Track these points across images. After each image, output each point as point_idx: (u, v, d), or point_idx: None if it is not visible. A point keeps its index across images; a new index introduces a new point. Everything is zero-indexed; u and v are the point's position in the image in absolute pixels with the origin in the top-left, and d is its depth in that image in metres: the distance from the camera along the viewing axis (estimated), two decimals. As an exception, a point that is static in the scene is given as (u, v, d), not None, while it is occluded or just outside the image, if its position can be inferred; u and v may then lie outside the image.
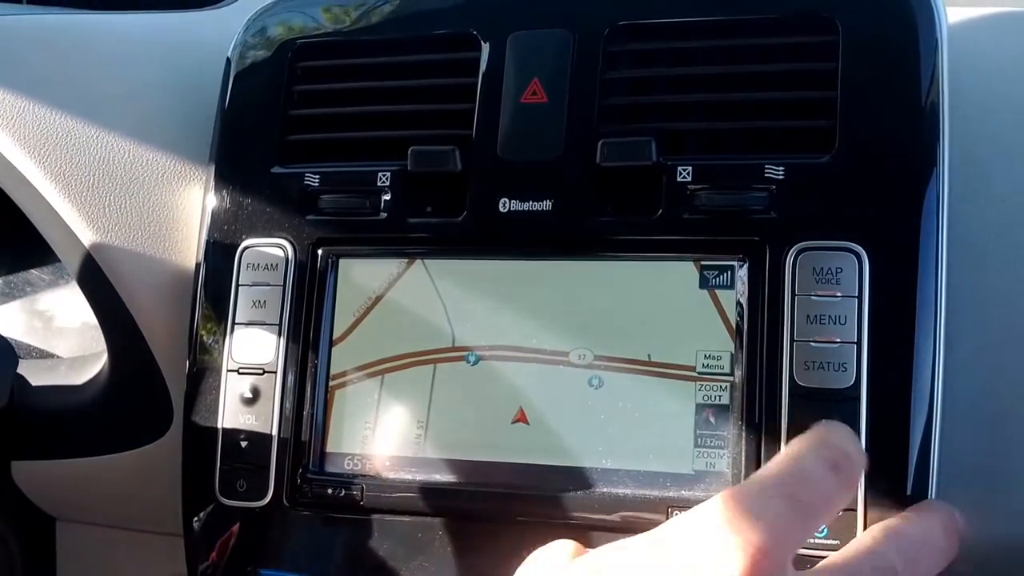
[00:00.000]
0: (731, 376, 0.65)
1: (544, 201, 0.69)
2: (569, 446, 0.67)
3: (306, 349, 0.72)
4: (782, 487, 0.47)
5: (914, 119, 0.64)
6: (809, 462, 0.49)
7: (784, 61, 0.68)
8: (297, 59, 0.78)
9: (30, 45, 0.85)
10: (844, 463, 0.49)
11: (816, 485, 0.48)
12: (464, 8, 0.75)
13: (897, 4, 0.66)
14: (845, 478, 0.49)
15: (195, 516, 0.74)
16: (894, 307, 0.62)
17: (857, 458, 0.51)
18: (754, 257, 0.65)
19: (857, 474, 0.51)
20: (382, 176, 0.72)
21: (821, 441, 0.50)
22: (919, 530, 0.56)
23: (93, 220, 0.79)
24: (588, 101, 0.70)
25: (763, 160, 0.65)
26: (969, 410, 0.66)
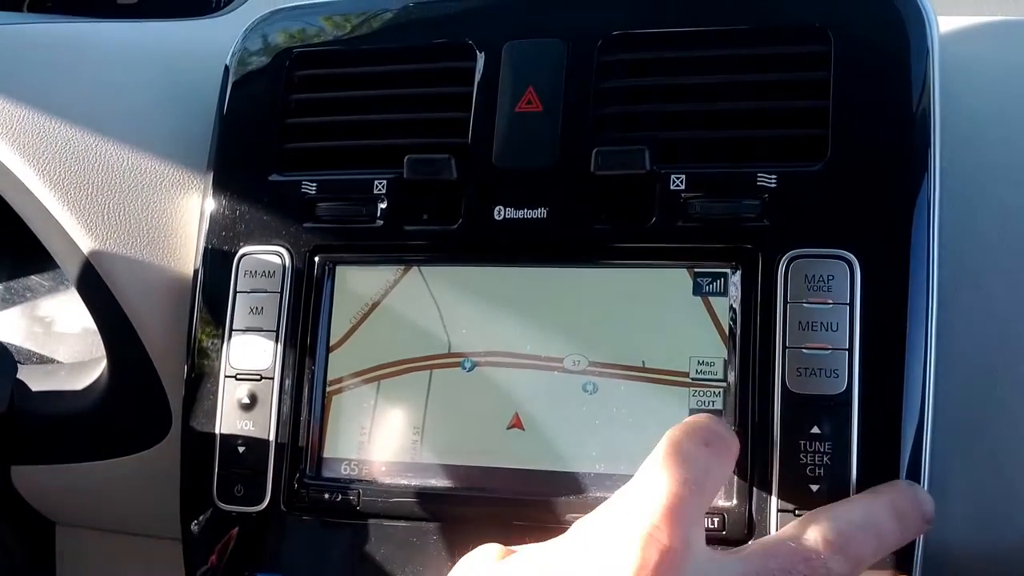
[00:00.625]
0: (724, 382, 0.65)
1: (539, 209, 0.69)
2: (564, 451, 0.67)
3: (303, 355, 0.72)
4: (668, 470, 0.51)
5: (905, 128, 0.64)
6: (685, 445, 0.53)
7: (776, 71, 0.68)
8: (295, 68, 0.78)
9: (30, 54, 0.85)
10: (714, 439, 0.54)
11: (695, 462, 0.52)
12: (460, 18, 0.75)
13: (888, 14, 0.66)
14: (716, 450, 0.54)
15: (193, 521, 0.74)
16: (885, 314, 0.62)
17: (726, 433, 0.56)
18: (747, 264, 0.65)
19: (727, 446, 0.55)
20: (378, 184, 0.72)
21: (691, 426, 0.55)
22: (858, 513, 0.57)
23: (92, 227, 0.78)
24: (582, 110, 0.70)
25: (756, 169, 0.65)
26: (960, 415, 0.66)
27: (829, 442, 0.61)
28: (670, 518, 0.49)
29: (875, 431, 0.61)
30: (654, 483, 0.51)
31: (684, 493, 0.50)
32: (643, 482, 0.52)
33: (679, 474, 0.51)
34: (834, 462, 0.61)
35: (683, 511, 0.50)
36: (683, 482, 0.51)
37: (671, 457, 0.52)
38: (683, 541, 0.49)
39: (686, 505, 0.50)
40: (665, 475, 0.51)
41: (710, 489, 0.53)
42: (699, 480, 0.52)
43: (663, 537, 0.49)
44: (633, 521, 0.50)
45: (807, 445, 0.61)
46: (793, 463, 0.61)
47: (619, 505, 0.52)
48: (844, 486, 0.60)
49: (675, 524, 0.49)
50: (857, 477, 0.60)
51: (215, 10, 0.99)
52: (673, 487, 0.50)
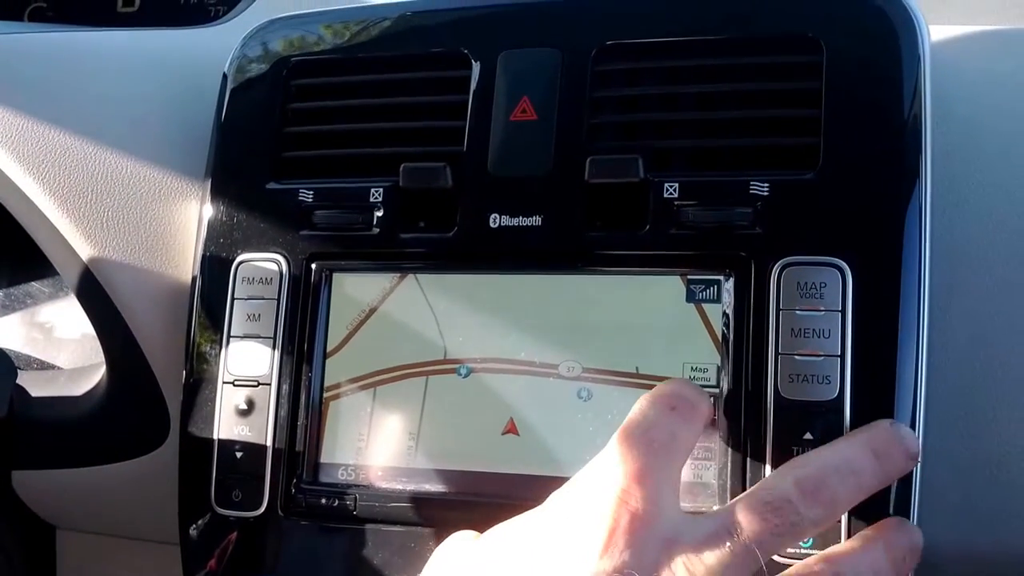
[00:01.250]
0: (717, 388, 0.64)
1: (534, 217, 0.68)
2: (559, 457, 0.66)
3: (300, 361, 0.72)
4: (636, 436, 0.53)
5: (897, 136, 0.64)
6: (650, 411, 0.55)
7: (769, 80, 0.68)
8: (292, 76, 0.78)
9: (30, 62, 0.85)
10: (680, 403, 0.56)
11: (662, 427, 0.54)
12: (455, 28, 0.75)
13: (880, 23, 0.66)
14: (682, 414, 0.55)
15: (191, 525, 0.73)
16: (877, 321, 0.62)
17: (692, 396, 0.57)
18: (740, 272, 0.65)
19: (694, 408, 0.56)
20: (375, 192, 0.72)
21: (656, 393, 0.57)
22: (830, 457, 0.56)
23: (91, 235, 0.78)
24: (576, 119, 0.69)
25: (748, 177, 0.65)
26: (951, 420, 0.66)
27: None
28: (638, 481, 0.51)
29: (867, 437, 0.61)
30: (622, 450, 0.53)
31: (650, 457, 0.52)
32: (612, 450, 0.53)
33: (645, 439, 0.53)
34: (827, 467, 0.61)
35: (651, 474, 0.51)
36: (649, 446, 0.52)
37: (637, 424, 0.54)
38: (653, 502, 0.51)
39: (653, 468, 0.52)
40: (632, 441, 0.53)
41: (678, 451, 0.54)
42: (665, 443, 0.53)
43: (632, 500, 0.50)
44: (603, 487, 0.51)
45: (800, 451, 0.61)
46: (786, 468, 0.61)
47: (590, 474, 0.53)
48: (836, 491, 0.60)
49: (643, 487, 0.51)
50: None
51: (214, 19, 0.99)
52: (640, 452, 0.52)
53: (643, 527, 0.50)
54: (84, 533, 0.92)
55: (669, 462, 0.53)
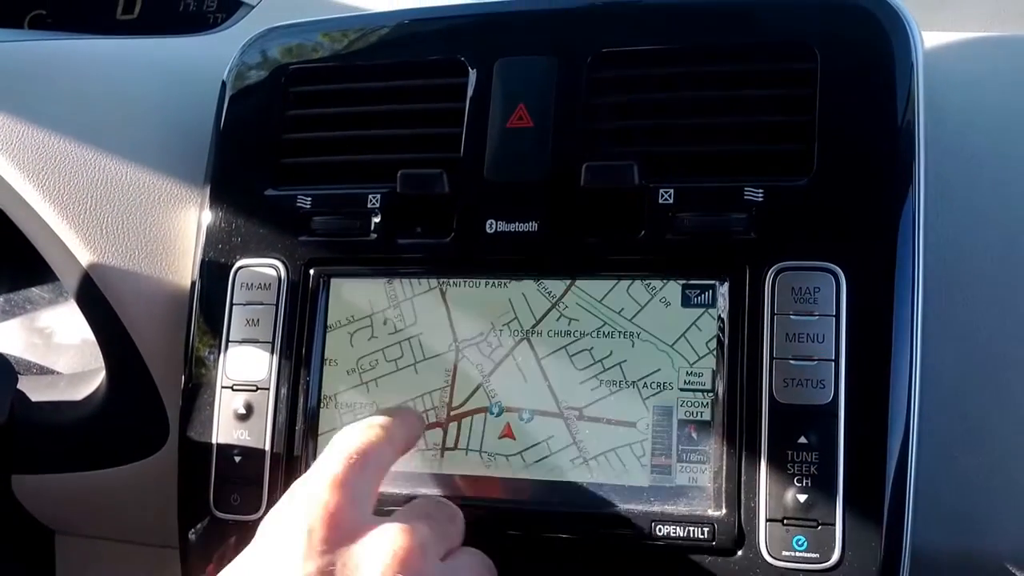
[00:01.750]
0: (712, 392, 0.64)
1: (530, 222, 0.68)
2: (554, 461, 0.66)
3: (298, 366, 0.72)
4: (332, 453, 0.60)
5: (890, 142, 0.64)
6: (347, 433, 0.62)
7: (763, 87, 0.68)
8: (291, 84, 0.78)
9: (31, 70, 0.85)
10: (374, 422, 0.62)
11: (355, 444, 0.60)
12: (452, 35, 0.75)
13: (873, 31, 0.66)
14: (376, 432, 0.61)
15: (190, 529, 0.73)
16: (871, 325, 0.62)
17: (382, 421, 0.63)
18: (734, 277, 0.65)
19: (385, 428, 0.62)
20: (372, 198, 0.72)
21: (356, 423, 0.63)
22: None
23: (91, 241, 0.78)
24: (572, 125, 0.69)
25: (743, 183, 0.65)
26: (945, 424, 0.66)
27: (816, 451, 0.61)
28: (333, 486, 0.56)
29: (861, 440, 0.61)
30: (321, 463, 0.59)
31: (344, 469, 0.58)
32: (315, 465, 0.59)
33: (338, 456, 0.59)
34: (821, 471, 0.61)
35: (345, 480, 0.57)
36: (341, 461, 0.58)
37: (334, 444, 0.60)
38: (347, 502, 0.56)
39: (347, 477, 0.57)
40: (326, 460, 0.59)
41: (373, 465, 0.60)
42: (357, 459, 0.59)
43: (328, 500, 0.56)
44: (304, 494, 0.57)
45: (794, 455, 0.61)
46: (781, 472, 0.61)
47: (294, 488, 0.59)
48: (831, 495, 0.60)
49: (337, 490, 0.56)
50: (844, 486, 0.60)
51: (213, 27, 0.99)
52: (333, 466, 0.58)
53: (337, 523, 0.55)
54: (83, 537, 0.91)
55: (363, 472, 0.59)
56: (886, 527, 0.60)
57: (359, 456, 0.59)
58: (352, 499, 0.57)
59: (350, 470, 0.58)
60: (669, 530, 0.63)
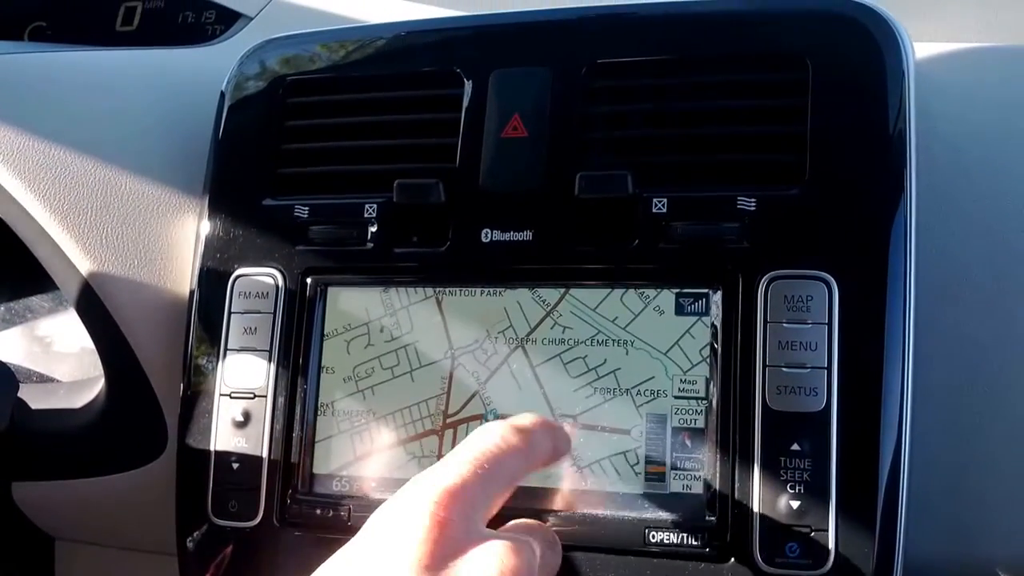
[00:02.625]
0: (706, 399, 0.64)
1: (525, 232, 0.68)
2: (551, 468, 0.66)
3: (295, 374, 0.71)
4: (456, 458, 0.55)
5: (882, 151, 0.64)
6: (481, 436, 0.57)
7: (756, 97, 0.68)
8: (288, 95, 0.78)
9: (31, 81, 0.85)
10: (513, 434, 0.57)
11: (485, 452, 0.56)
12: (448, 47, 0.75)
13: (864, 41, 0.66)
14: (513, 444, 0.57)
15: (189, 536, 0.73)
16: (863, 333, 0.62)
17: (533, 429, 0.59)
18: (728, 285, 0.64)
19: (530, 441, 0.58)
20: (369, 208, 0.72)
21: (503, 422, 0.59)
22: None
23: (90, 250, 0.78)
24: (566, 136, 0.69)
25: (736, 192, 0.65)
26: (938, 431, 0.66)
27: (809, 458, 0.61)
28: (448, 496, 0.53)
29: (854, 448, 0.61)
30: (441, 468, 0.55)
31: (466, 476, 0.54)
32: (437, 466, 0.55)
33: (464, 460, 0.55)
34: (814, 478, 0.61)
35: (462, 491, 0.53)
36: (467, 467, 0.54)
37: (464, 447, 0.56)
38: (460, 515, 0.53)
39: (466, 486, 0.54)
40: (452, 461, 0.55)
41: (501, 477, 0.56)
42: (485, 468, 0.55)
43: (441, 511, 0.52)
44: (418, 500, 0.53)
45: (787, 461, 0.61)
46: (774, 479, 0.61)
47: (410, 489, 0.55)
48: (824, 502, 0.60)
49: (453, 501, 0.53)
50: (836, 493, 0.60)
51: (211, 38, 0.99)
52: (456, 471, 0.54)
53: (450, 537, 0.52)
54: (83, 544, 0.91)
55: (485, 485, 0.55)
56: (879, 534, 0.60)
57: (490, 466, 0.56)
58: (468, 513, 0.54)
59: (476, 480, 0.55)
60: (663, 537, 0.63)
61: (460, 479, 0.54)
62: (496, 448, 0.56)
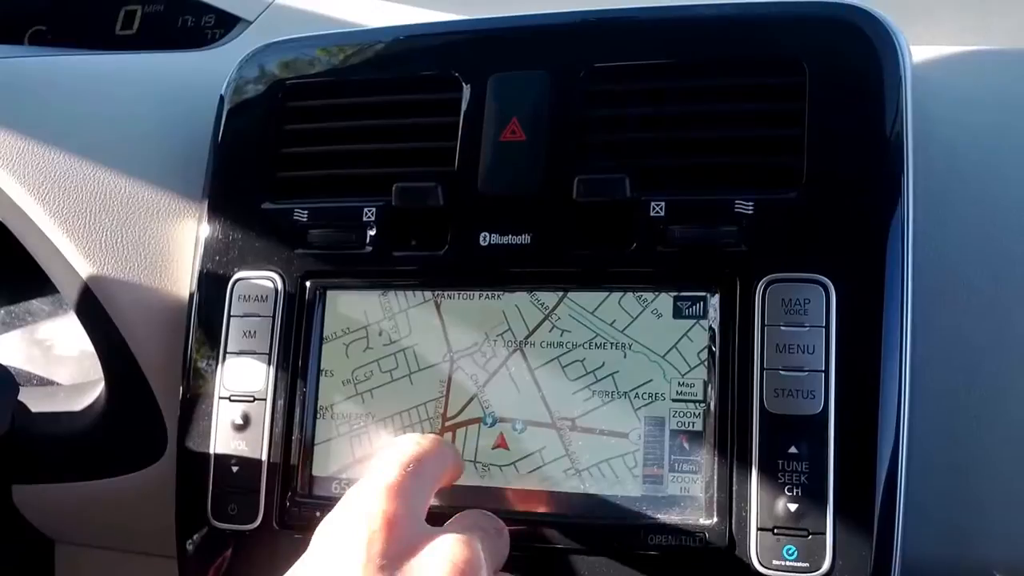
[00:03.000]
0: (704, 402, 0.64)
1: (523, 235, 0.68)
2: (548, 472, 0.66)
3: (295, 377, 0.71)
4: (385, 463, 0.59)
5: (879, 155, 0.64)
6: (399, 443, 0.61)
7: (753, 101, 0.68)
8: (288, 99, 0.77)
9: (31, 85, 0.85)
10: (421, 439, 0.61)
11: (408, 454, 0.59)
12: (447, 51, 0.75)
13: (861, 45, 0.66)
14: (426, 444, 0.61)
15: (188, 539, 0.73)
16: (861, 337, 0.62)
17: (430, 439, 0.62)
18: (725, 289, 0.64)
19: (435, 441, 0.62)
20: (368, 211, 0.72)
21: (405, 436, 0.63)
22: None
23: (90, 253, 0.78)
24: (565, 139, 0.69)
25: (733, 196, 0.65)
26: (935, 435, 0.66)
27: (806, 461, 0.61)
28: (391, 494, 0.56)
29: (851, 450, 0.61)
30: (375, 472, 0.58)
31: (401, 475, 0.57)
32: (368, 473, 0.58)
33: (393, 463, 0.58)
34: (811, 481, 0.61)
35: (402, 488, 0.56)
36: (398, 467, 0.58)
37: (388, 453, 0.60)
38: (406, 511, 0.55)
39: (404, 484, 0.57)
40: (382, 465, 0.58)
41: (428, 475, 0.60)
42: (413, 467, 0.58)
43: (389, 508, 0.55)
44: (363, 501, 0.56)
45: (785, 464, 0.61)
46: (771, 482, 0.61)
47: (352, 494, 0.57)
48: (821, 505, 0.60)
49: (395, 498, 0.56)
50: (834, 496, 0.60)
51: (210, 42, 0.99)
52: (391, 472, 0.57)
53: (396, 529, 0.54)
54: (83, 547, 0.91)
55: (419, 480, 0.58)
56: (876, 536, 0.60)
57: (415, 465, 0.58)
58: (410, 508, 0.56)
59: (407, 478, 0.57)
60: (661, 539, 0.63)
61: (397, 477, 0.57)
62: (416, 450, 0.60)
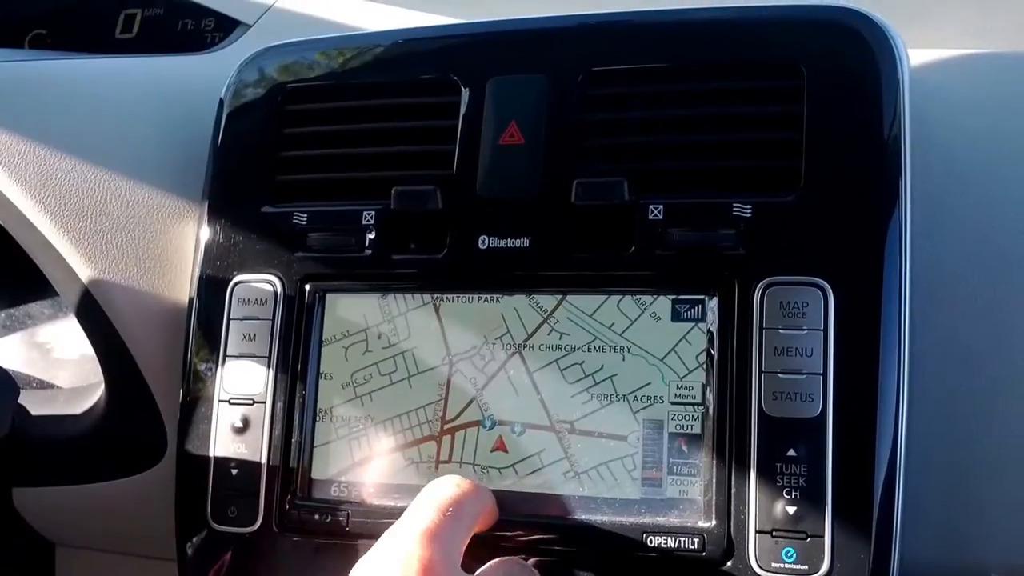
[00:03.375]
0: (702, 405, 0.64)
1: (521, 238, 0.68)
2: (547, 474, 0.66)
3: (294, 380, 0.71)
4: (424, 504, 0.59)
5: (876, 158, 0.64)
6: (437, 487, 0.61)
7: (751, 104, 0.68)
8: (287, 102, 0.77)
9: (31, 89, 0.85)
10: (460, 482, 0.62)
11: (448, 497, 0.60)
12: (445, 55, 0.75)
13: (859, 48, 0.66)
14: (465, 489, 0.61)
15: (188, 541, 0.73)
16: (859, 339, 0.62)
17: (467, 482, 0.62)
18: (724, 292, 0.64)
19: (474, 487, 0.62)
20: (367, 215, 0.72)
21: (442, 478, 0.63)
22: None
23: (90, 256, 0.78)
24: (563, 143, 0.69)
25: (731, 199, 0.65)
26: (933, 438, 0.66)
27: (805, 464, 0.61)
28: (426, 539, 0.56)
29: (850, 453, 0.61)
30: (412, 515, 0.58)
31: (437, 520, 0.57)
32: (406, 516, 0.59)
33: (431, 506, 0.58)
34: (810, 483, 0.60)
35: (438, 533, 0.56)
36: (436, 512, 0.58)
37: (426, 496, 0.60)
38: (441, 556, 0.55)
39: (441, 528, 0.57)
40: (419, 508, 0.59)
41: (465, 519, 0.60)
42: (451, 511, 0.58)
43: (425, 553, 0.55)
44: (398, 544, 0.56)
45: (783, 467, 0.61)
46: (770, 485, 0.61)
47: (387, 539, 0.58)
48: (820, 507, 0.60)
49: (431, 544, 0.55)
50: (832, 498, 0.60)
51: (210, 46, 0.99)
52: (427, 516, 0.57)
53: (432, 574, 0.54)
54: (83, 549, 0.91)
55: (456, 525, 0.58)
56: (875, 539, 0.60)
57: (453, 508, 0.59)
58: (446, 554, 0.56)
59: (443, 523, 0.57)
60: (660, 541, 0.63)
61: (433, 523, 0.57)
62: (454, 492, 0.60)
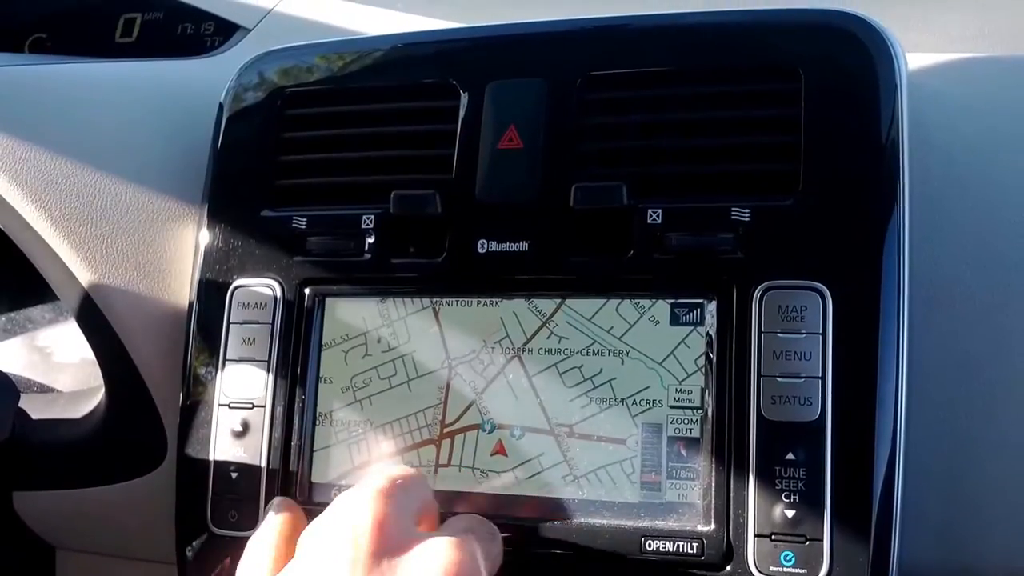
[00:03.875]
0: (701, 409, 0.64)
1: (520, 242, 0.68)
2: (546, 477, 0.66)
3: (294, 384, 0.71)
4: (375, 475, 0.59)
5: (875, 162, 0.64)
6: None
7: (750, 108, 0.68)
8: (287, 106, 0.77)
9: (31, 93, 0.85)
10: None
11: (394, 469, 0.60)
12: (444, 59, 0.75)
13: (857, 52, 0.66)
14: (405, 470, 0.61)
15: (188, 545, 0.73)
16: (857, 343, 0.62)
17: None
18: (722, 296, 0.64)
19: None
20: (366, 219, 0.72)
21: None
22: None
23: (90, 260, 0.78)
24: (562, 147, 0.69)
25: (730, 203, 0.65)
26: (932, 442, 0.66)
27: (803, 468, 0.61)
28: (379, 497, 0.56)
29: (848, 457, 0.61)
30: (364, 482, 0.58)
31: (390, 484, 0.57)
32: (356, 485, 0.59)
33: (382, 477, 0.58)
34: (808, 487, 0.60)
35: (391, 493, 0.56)
36: (387, 480, 0.58)
37: (372, 473, 0.60)
38: (396, 512, 0.55)
39: (393, 490, 0.57)
40: (370, 479, 0.58)
41: (416, 492, 0.59)
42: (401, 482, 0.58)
43: (375, 509, 0.55)
44: (348, 505, 0.56)
45: (782, 471, 0.61)
46: (769, 488, 0.61)
47: (339, 500, 0.58)
48: (818, 511, 0.60)
49: (384, 501, 0.55)
50: (831, 502, 0.60)
51: (210, 50, 0.99)
52: (380, 481, 0.57)
53: (384, 529, 0.54)
54: (83, 553, 0.91)
55: (405, 490, 0.58)
56: (874, 543, 0.60)
57: (403, 479, 0.58)
58: (399, 511, 0.56)
59: (395, 487, 0.57)
60: (659, 545, 0.63)
61: (386, 484, 0.57)
62: (402, 472, 0.60)
